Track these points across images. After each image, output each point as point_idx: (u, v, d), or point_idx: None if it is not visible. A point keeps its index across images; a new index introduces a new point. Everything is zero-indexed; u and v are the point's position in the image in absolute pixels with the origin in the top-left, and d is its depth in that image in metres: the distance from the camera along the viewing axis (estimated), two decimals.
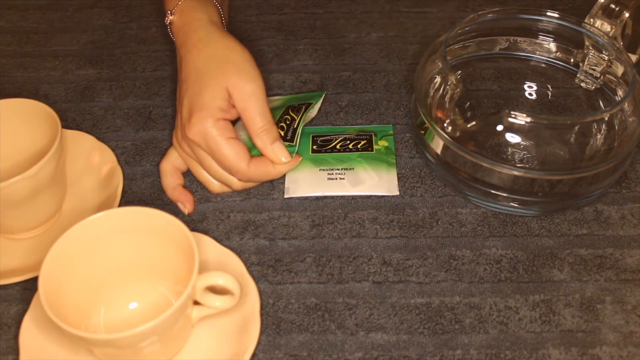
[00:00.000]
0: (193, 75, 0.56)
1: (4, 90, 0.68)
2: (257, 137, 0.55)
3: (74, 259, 0.47)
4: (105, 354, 0.45)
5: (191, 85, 0.56)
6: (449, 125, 0.55)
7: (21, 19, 0.77)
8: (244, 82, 0.55)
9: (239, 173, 0.55)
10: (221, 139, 0.54)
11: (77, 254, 0.47)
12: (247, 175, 0.55)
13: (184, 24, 0.59)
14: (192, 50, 0.57)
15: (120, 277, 0.49)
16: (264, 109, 0.55)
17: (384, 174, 0.60)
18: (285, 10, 0.77)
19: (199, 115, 0.54)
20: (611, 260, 0.54)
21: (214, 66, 0.55)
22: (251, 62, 0.56)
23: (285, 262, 0.54)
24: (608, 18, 0.58)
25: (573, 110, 0.63)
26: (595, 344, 0.49)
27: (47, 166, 0.51)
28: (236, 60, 0.56)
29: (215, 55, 0.56)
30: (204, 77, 0.55)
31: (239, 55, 0.56)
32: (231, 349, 0.48)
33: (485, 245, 0.55)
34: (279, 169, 0.56)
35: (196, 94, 0.55)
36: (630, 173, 0.60)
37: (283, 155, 0.56)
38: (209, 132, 0.54)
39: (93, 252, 0.48)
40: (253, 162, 0.55)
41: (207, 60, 0.56)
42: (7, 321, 0.51)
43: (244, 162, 0.55)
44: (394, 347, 0.49)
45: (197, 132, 0.54)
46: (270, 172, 0.56)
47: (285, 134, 0.59)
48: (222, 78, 0.55)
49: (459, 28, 0.59)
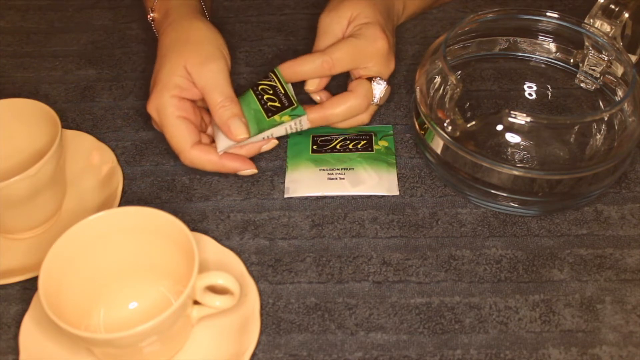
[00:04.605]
0: (158, 57, 0.58)
1: (4, 90, 0.68)
2: (215, 113, 0.56)
3: (74, 259, 0.47)
4: (105, 354, 0.45)
5: (155, 65, 0.58)
6: (449, 125, 0.55)
7: (21, 19, 0.77)
8: (203, 60, 0.56)
9: (181, 154, 0.56)
10: (171, 117, 0.56)
11: (77, 254, 0.47)
12: (188, 158, 0.56)
13: (162, 17, 0.61)
14: (162, 35, 0.59)
15: (120, 277, 0.49)
16: (223, 86, 0.56)
17: (384, 174, 0.60)
18: (286, 10, 0.77)
19: (155, 89, 0.56)
20: (611, 260, 0.54)
21: (175, 46, 0.57)
22: (214, 42, 0.57)
23: (285, 262, 0.54)
24: (608, 18, 0.58)
25: (573, 110, 0.63)
26: (595, 344, 0.49)
27: (47, 166, 0.51)
28: (197, 40, 0.57)
29: (179, 37, 0.58)
30: (165, 56, 0.57)
31: (202, 35, 0.58)
32: (231, 349, 0.48)
33: (485, 245, 0.55)
34: (226, 163, 0.56)
35: (156, 72, 0.57)
36: (630, 173, 0.60)
37: (240, 132, 0.55)
38: (161, 107, 0.56)
39: (93, 252, 0.48)
40: (198, 147, 0.56)
41: (171, 42, 0.58)
42: (7, 321, 0.51)
43: (187, 144, 0.56)
44: (394, 347, 0.49)
45: (152, 106, 0.56)
46: (213, 161, 0.56)
47: (281, 103, 0.57)
48: (181, 56, 0.56)
49: (459, 28, 0.59)
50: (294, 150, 0.61)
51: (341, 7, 0.59)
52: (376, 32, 0.58)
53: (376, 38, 0.58)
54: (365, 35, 0.58)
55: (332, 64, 0.57)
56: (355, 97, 0.58)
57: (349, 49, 0.58)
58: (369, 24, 0.58)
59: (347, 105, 0.58)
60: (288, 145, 0.62)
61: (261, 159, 0.61)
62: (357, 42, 0.58)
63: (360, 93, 0.58)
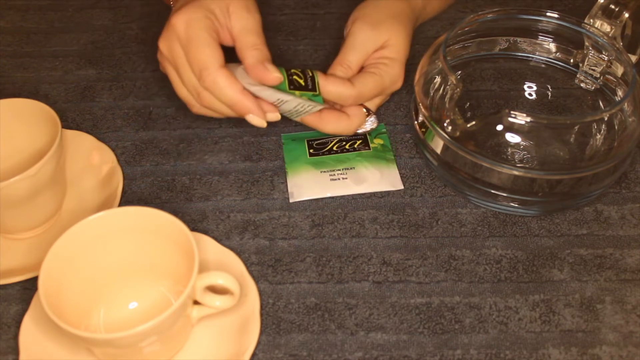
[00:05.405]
0: None
1: (4, 90, 0.68)
2: (247, 54, 0.54)
3: (74, 259, 0.47)
4: (105, 354, 0.45)
5: None
6: (449, 125, 0.55)
7: (21, 19, 0.77)
8: (247, 7, 0.55)
9: (205, 71, 0.53)
10: (203, 30, 0.53)
11: (77, 254, 0.47)
12: (211, 76, 0.53)
13: None
14: None
15: (120, 277, 0.49)
16: (260, 32, 0.55)
17: (385, 170, 0.60)
18: (286, 10, 0.77)
19: (191, 4, 0.54)
20: (611, 260, 0.54)
21: None
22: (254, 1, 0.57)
23: (285, 262, 0.54)
24: (608, 18, 0.58)
25: (573, 110, 0.63)
26: (595, 344, 0.49)
27: (47, 166, 0.51)
28: None
29: None
30: None
31: None
32: (231, 349, 0.48)
33: (485, 245, 0.55)
34: (244, 100, 0.54)
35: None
36: (630, 173, 0.60)
37: (273, 69, 0.54)
38: (194, 20, 0.53)
39: (93, 252, 0.48)
40: (226, 71, 0.53)
41: None
42: (7, 321, 0.51)
43: (216, 61, 0.53)
44: (394, 347, 0.49)
45: (182, 18, 0.53)
46: (235, 90, 0.53)
47: (305, 83, 0.57)
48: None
49: (459, 28, 0.59)
50: (291, 155, 0.61)
51: (381, 29, 0.60)
52: (400, 72, 0.60)
53: (398, 79, 0.60)
54: (390, 75, 0.59)
55: (357, 98, 0.58)
56: (349, 122, 0.59)
57: (373, 86, 0.58)
58: (395, 61, 0.60)
59: (339, 126, 0.59)
60: (284, 151, 0.62)
61: (261, 159, 0.62)
62: (382, 82, 0.59)
63: (354, 122, 0.59)
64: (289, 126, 0.64)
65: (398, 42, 0.60)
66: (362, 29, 0.60)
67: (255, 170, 0.61)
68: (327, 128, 0.59)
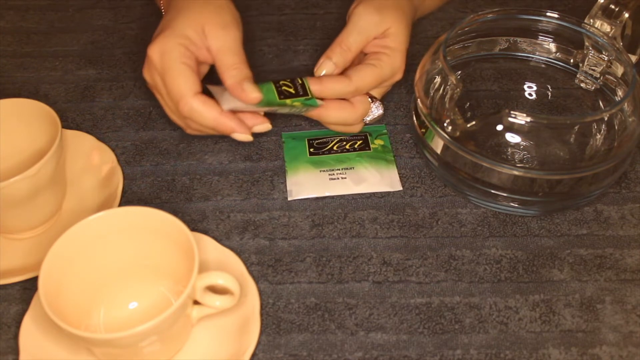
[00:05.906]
0: (172, 9, 0.56)
1: (4, 90, 0.68)
2: (227, 74, 0.54)
3: (74, 259, 0.47)
4: (105, 354, 0.45)
5: (166, 16, 0.56)
6: (449, 125, 0.55)
7: (21, 19, 0.77)
8: (223, 25, 0.55)
9: (182, 100, 0.53)
10: (176, 61, 0.53)
11: (77, 254, 0.47)
12: (188, 104, 0.53)
13: None
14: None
15: (120, 277, 0.49)
16: (238, 49, 0.55)
17: (385, 171, 0.60)
18: (286, 11, 0.77)
19: (163, 34, 0.54)
20: (611, 260, 0.54)
21: (195, 6, 0.56)
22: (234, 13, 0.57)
23: (285, 262, 0.54)
24: (608, 18, 0.58)
25: (573, 110, 0.63)
26: (595, 344, 0.49)
27: (47, 166, 0.51)
28: (218, 6, 0.56)
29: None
30: (183, 10, 0.56)
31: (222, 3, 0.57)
32: (231, 349, 0.48)
33: (485, 245, 0.55)
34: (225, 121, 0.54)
35: (168, 20, 0.56)
36: (630, 173, 0.60)
37: (252, 90, 0.53)
38: (167, 50, 0.54)
39: (93, 252, 0.48)
40: (200, 96, 0.53)
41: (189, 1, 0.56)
42: (7, 321, 0.51)
43: (190, 90, 0.53)
44: (394, 347, 0.49)
45: (156, 49, 0.54)
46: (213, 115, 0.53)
47: (295, 90, 0.56)
48: (201, 15, 0.55)
49: (459, 28, 0.59)
50: (291, 154, 0.61)
51: (385, 15, 0.59)
52: (401, 63, 0.59)
53: (399, 70, 0.59)
54: (390, 66, 0.58)
55: (355, 93, 0.58)
56: (353, 111, 0.58)
57: (373, 79, 0.58)
58: (396, 52, 0.59)
59: (342, 115, 0.58)
60: (284, 150, 0.62)
61: (261, 159, 0.62)
62: (382, 73, 0.58)
63: (359, 109, 0.58)
64: (290, 125, 0.64)
65: (400, 32, 0.59)
66: (367, 11, 0.59)
67: (255, 170, 0.61)
68: (330, 117, 0.58)
